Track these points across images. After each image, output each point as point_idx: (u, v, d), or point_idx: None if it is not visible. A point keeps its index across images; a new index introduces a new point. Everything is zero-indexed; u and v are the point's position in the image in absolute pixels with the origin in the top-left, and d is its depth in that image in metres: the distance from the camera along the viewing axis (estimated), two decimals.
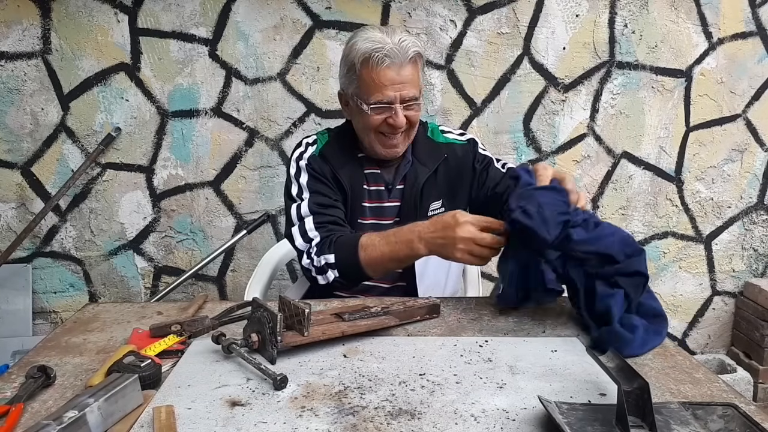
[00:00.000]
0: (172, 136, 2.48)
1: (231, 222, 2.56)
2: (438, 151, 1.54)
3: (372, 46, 1.37)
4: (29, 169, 2.47)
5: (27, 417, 0.90)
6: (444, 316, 1.29)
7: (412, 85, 1.40)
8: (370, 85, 1.39)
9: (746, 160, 2.64)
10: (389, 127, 1.42)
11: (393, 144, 1.46)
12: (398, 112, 1.39)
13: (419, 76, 1.43)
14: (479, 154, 1.59)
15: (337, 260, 1.37)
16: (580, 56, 2.49)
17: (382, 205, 1.54)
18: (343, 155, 1.52)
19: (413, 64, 1.40)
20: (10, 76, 2.38)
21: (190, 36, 2.39)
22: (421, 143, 1.55)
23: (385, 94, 1.38)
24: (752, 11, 2.49)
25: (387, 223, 1.52)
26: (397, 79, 1.38)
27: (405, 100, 1.40)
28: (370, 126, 1.44)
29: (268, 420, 0.88)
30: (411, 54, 1.38)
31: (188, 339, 1.15)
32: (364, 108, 1.41)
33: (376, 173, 1.54)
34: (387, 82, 1.37)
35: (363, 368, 1.04)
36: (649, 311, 1.14)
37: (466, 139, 1.60)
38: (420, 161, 1.52)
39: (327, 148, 1.54)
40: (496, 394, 0.95)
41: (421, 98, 1.45)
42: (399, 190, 1.53)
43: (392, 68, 1.37)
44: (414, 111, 1.43)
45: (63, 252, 2.56)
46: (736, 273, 2.76)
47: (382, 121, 1.42)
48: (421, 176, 1.51)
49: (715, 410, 0.86)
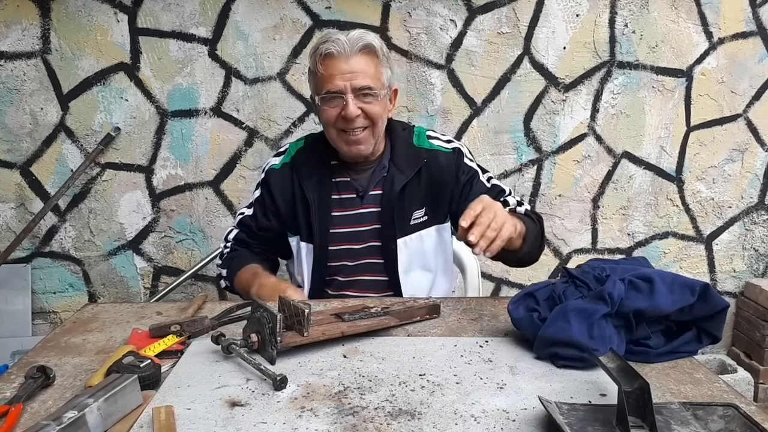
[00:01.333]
0: (172, 135, 2.48)
1: (230, 222, 2.56)
2: (417, 157, 1.51)
3: (320, 41, 1.41)
4: (28, 169, 2.47)
5: (26, 417, 0.89)
6: (444, 316, 1.28)
7: (365, 75, 1.39)
8: (321, 77, 1.41)
9: (747, 160, 2.64)
10: (344, 121, 1.41)
11: (355, 140, 1.44)
12: (349, 102, 1.39)
13: (378, 70, 1.42)
14: (464, 164, 1.54)
15: (227, 276, 1.58)
16: (581, 56, 2.49)
17: (357, 212, 1.52)
18: (313, 164, 1.53)
19: (365, 56, 1.40)
20: (10, 75, 2.38)
21: (190, 36, 2.39)
22: (400, 148, 1.53)
23: (333, 84, 1.39)
24: (752, 11, 2.48)
25: (365, 230, 1.51)
26: (346, 69, 1.38)
27: (356, 89, 1.39)
28: (327, 122, 1.44)
29: (267, 420, 0.87)
30: (360, 44, 1.39)
31: (188, 339, 1.14)
32: (317, 100, 1.44)
33: (346, 181, 1.52)
34: (335, 72, 1.38)
35: (363, 368, 1.04)
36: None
37: (452, 148, 1.55)
38: (397, 167, 1.50)
39: (299, 156, 1.56)
40: (497, 395, 0.95)
41: (382, 92, 1.43)
42: (375, 196, 1.51)
43: (339, 58, 1.38)
44: (371, 104, 1.41)
45: (62, 252, 2.55)
46: (737, 273, 2.76)
47: (337, 115, 1.41)
48: (398, 182, 1.48)
49: (716, 410, 0.86)
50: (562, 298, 1.10)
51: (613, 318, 1.06)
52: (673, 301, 1.05)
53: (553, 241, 2.67)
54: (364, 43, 1.40)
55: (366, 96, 1.41)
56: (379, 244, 1.52)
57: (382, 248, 1.51)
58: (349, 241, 1.52)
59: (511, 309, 1.14)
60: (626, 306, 1.05)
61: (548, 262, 2.67)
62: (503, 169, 2.59)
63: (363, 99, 1.41)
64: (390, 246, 1.50)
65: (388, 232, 1.50)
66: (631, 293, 1.07)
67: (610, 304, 1.04)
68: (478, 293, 1.78)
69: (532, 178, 2.60)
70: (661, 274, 1.09)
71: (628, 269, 1.13)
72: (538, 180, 2.60)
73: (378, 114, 1.43)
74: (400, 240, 1.50)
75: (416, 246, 1.53)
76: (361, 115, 1.41)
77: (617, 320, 1.06)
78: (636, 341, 1.08)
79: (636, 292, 1.07)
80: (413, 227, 1.52)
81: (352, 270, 1.54)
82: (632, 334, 1.07)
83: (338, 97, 1.40)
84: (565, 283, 1.15)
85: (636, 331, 1.07)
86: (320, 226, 1.50)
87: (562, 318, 1.05)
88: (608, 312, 1.04)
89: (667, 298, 1.05)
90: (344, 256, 1.52)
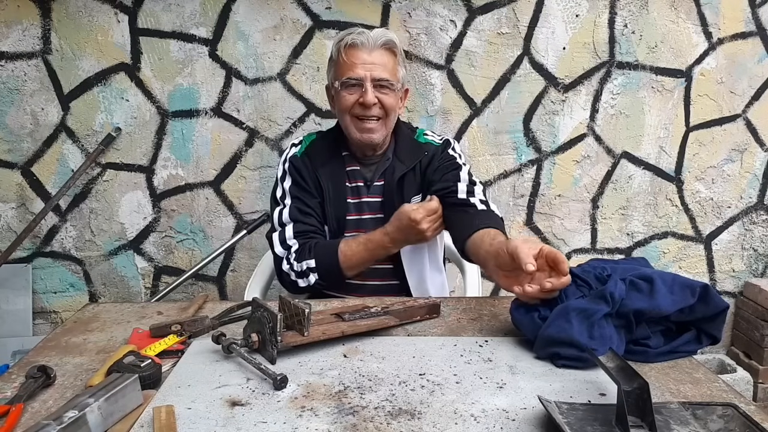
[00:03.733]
0: (172, 136, 2.48)
1: (231, 222, 2.56)
2: (418, 150, 1.61)
3: (346, 32, 1.51)
4: (29, 169, 2.48)
5: (27, 417, 0.90)
6: (444, 316, 1.29)
7: (384, 68, 1.49)
8: (343, 65, 1.50)
9: (746, 160, 2.64)
10: (361, 107, 1.49)
11: (368, 128, 1.51)
12: (368, 89, 1.47)
13: (395, 67, 1.53)
14: (447, 153, 1.62)
15: (317, 264, 1.49)
16: (580, 56, 2.49)
17: (365, 200, 1.61)
18: (326, 153, 1.61)
19: (386, 51, 1.51)
20: (10, 76, 2.38)
21: (190, 36, 2.39)
22: (404, 143, 1.62)
23: (355, 72, 1.48)
24: (752, 11, 2.49)
25: (368, 218, 1.60)
26: (368, 59, 1.48)
27: (375, 80, 1.48)
28: (344, 107, 1.52)
29: (268, 420, 0.88)
30: (382, 40, 1.49)
31: (188, 339, 1.15)
32: (336, 85, 1.52)
33: (356, 170, 1.61)
34: (358, 61, 1.48)
35: (363, 368, 1.04)
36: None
37: (441, 139, 1.66)
38: (400, 159, 1.60)
39: (311, 147, 1.62)
40: (496, 394, 0.95)
41: (398, 86, 1.52)
42: (379, 186, 1.60)
43: (363, 50, 1.48)
44: (388, 96, 1.50)
45: (63, 252, 2.56)
46: (736, 273, 2.76)
47: (355, 101, 1.50)
48: (398, 172, 1.57)
49: (715, 410, 0.86)
50: (563, 297, 1.10)
51: (614, 318, 1.06)
52: (673, 302, 1.06)
53: (552, 241, 2.67)
54: (387, 39, 1.50)
55: (383, 87, 1.50)
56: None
57: None
58: (358, 228, 1.59)
59: (512, 309, 1.14)
60: (627, 306, 1.05)
61: None
62: (503, 170, 2.59)
63: (380, 90, 1.49)
64: None
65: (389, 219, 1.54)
66: (631, 293, 1.07)
67: (611, 304, 1.05)
68: (478, 293, 1.78)
69: (532, 178, 2.61)
70: (662, 275, 1.09)
71: (629, 269, 1.13)
72: (538, 180, 2.61)
73: (392, 106, 1.53)
74: None
75: None
76: (377, 104, 1.50)
77: (617, 320, 1.06)
78: (636, 341, 1.08)
79: (636, 292, 1.07)
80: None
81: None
82: (632, 334, 1.07)
83: (357, 85, 1.49)
84: None
85: (636, 332, 1.07)
86: (337, 212, 1.57)
87: (563, 317, 1.05)
88: (609, 312, 1.05)
89: (668, 298, 1.05)
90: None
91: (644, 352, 1.07)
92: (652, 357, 1.07)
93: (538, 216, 2.65)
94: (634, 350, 1.07)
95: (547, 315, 1.08)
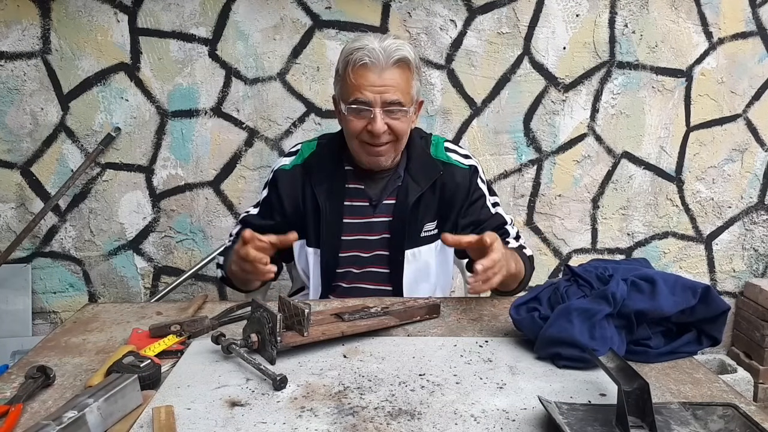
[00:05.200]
0: (172, 136, 2.48)
1: (231, 222, 2.56)
2: (433, 169, 1.48)
3: (355, 47, 1.35)
4: (29, 169, 2.47)
5: (26, 417, 0.89)
6: (444, 316, 1.29)
7: (397, 90, 1.35)
8: (351, 86, 1.36)
9: (746, 160, 2.64)
10: (369, 135, 1.37)
11: (376, 152, 1.41)
12: (377, 117, 1.34)
13: (409, 84, 1.38)
14: (476, 184, 1.52)
15: (222, 263, 1.52)
16: (581, 56, 2.49)
17: (368, 220, 1.50)
18: (327, 169, 1.49)
19: (399, 69, 1.35)
20: (10, 75, 2.38)
21: (190, 36, 2.39)
22: (417, 159, 1.49)
23: (363, 95, 1.34)
24: (752, 11, 2.49)
25: (374, 238, 1.49)
26: (378, 82, 1.33)
27: (386, 103, 1.35)
28: (351, 132, 1.40)
29: (267, 420, 0.88)
30: (396, 57, 1.34)
31: (188, 339, 1.14)
32: (343, 108, 1.39)
33: (359, 188, 1.50)
34: (366, 83, 1.34)
35: (363, 368, 1.04)
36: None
37: (469, 165, 1.53)
38: (413, 178, 1.47)
39: (312, 158, 1.51)
40: (496, 395, 0.95)
41: (410, 108, 1.39)
42: (388, 206, 1.49)
43: (373, 70, 1.33)
44: (399, 120, 1.37)
45: (62, 252, 2.56)
46: (737, 273, 2.76)
47: (363, 127, 1.37)
48: (413, 193, 1.46)
49: (716, 410, 0.86)
50: (564, 297, 1.10)
51: (615, 318, 1.06)
52: (674, 303, 1.05)
53: (552, 241, 2.67)
54: (400, 56, 1.34)
55: (394, 112, 1.36)
56: (386, 254, 1.50)
57: (389, 258, 1.49)
58: (357, 249, 1.50)
59: (512, 311, 1.14)
60: (628, 306, 1.05)
61: (548, 262, 2.67)
62: (503, 169, 2.59)
63: (391, 115, 1.36)
64: (397, 256, 1.48)
65: (397, 242, 1.48)
66: (633, 294, 1.07)
67: (612, 305, 1.04)
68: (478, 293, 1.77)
69: (532, 178, 2.60)
70: (663, 276, 1.09)
71: (630, 270, 1.13)
72: (538, 180, 2.61)
73: (403, 131, 1.41)
74: (408, 251, 1.48)
75: (423, 258, 1.51)
76: (387, 131, 1.37)
77: (618, 320, 1.06)
78: (636, 341, 1.08)
79: (638, 293, 1.07)
80: (423, 239, 1.50)
81: (356, 277, 1.52)
82: (633, 334, 1.07)
83: (366, 109, 1.35)
84: (567, 281, 1.16)
85: (637, 332, 1.07)
86: (331, 233, 1.47)
87: (564, 317, 1.05)
88: (610, 312, 1.05)
89: (669, 299, 1.05)
90: (351, 263, 1.51)
91: (644, 352, 1.07)
92: (653, 357, 1.07)
93: (539, 216, 2.65)
94: (635, 351, 1.07)
95: (548, 315, 1.08)
